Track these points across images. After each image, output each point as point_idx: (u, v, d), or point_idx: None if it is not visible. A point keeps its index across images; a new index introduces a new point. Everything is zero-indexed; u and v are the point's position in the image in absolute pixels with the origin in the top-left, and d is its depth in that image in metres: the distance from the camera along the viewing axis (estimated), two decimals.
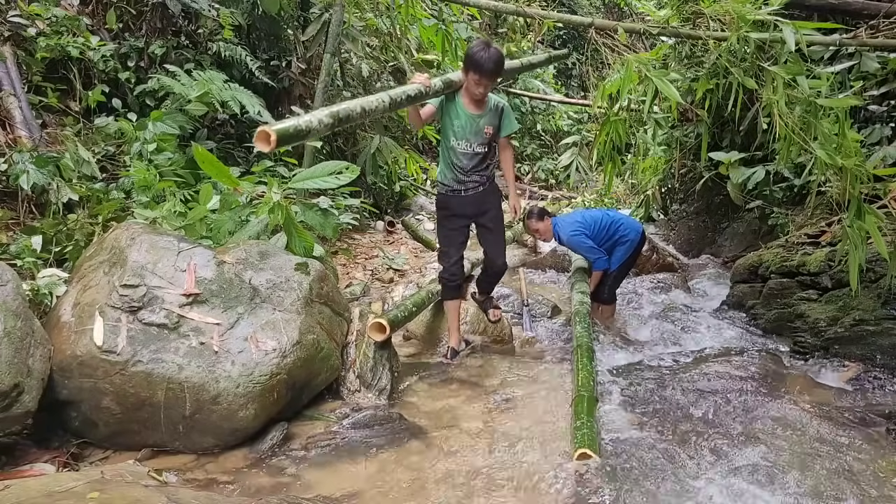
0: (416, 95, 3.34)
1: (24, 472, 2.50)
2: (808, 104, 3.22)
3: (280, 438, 2.94)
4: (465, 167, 3.70)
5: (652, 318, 5.12)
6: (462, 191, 3.77)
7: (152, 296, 2.95)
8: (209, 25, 6.21)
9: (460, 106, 3.65)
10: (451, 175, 3.75)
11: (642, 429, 3.09)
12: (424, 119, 3.66)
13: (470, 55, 3.45)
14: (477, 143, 3.66)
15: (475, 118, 3.63)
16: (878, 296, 3.89)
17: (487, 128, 3.65)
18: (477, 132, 3.63)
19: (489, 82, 3.49)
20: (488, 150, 3.73)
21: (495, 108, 3.70)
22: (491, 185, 3.85)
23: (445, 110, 3.68)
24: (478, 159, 3.70)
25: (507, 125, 3.74)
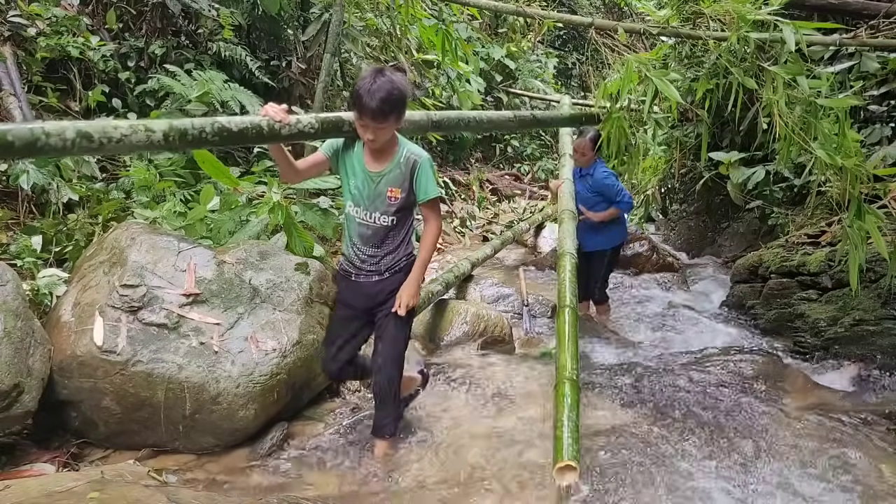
0: (254, 134, 2.37)
1: (24, 472, 2.50)
2: (808, 104, 3.23)
3: (280, 438, 2.94)
4: (360, 245, 2.71)
5: (651, 318, 5.12)
6: (353, 275, 2.77)
7: (152, 296, 2.95)
8: (209, 25, 6.21)
9: (358, 158, 2.67)
10: (348, 249, 2.79)
11: (641, 428, 3.09)
12: (302, 171, 2.70)
13: (354, 89, 2.50)
14: (379, 211, 2.65)
15: (373, 177, 2.64)
16: (878, 296, 3.89)
17: (391, 190, 2.63)
18: (376, 196, 2.64)
19: (377, 126, 2.48)
20: (396, 222, 2.69)
21: (405, 163, 2.64)
22: (394, 277, 2.75)
23: (342, 161, 2.71)
24: (380, 235, 2.69)
25: (422, 188, 2.65)
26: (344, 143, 2.73)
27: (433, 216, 2.75)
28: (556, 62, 15.43)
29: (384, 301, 2.76)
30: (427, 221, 2.76)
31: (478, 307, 4.56)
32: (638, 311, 5.34)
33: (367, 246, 2.72)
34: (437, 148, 11.25)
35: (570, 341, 2.86)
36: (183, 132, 2.20)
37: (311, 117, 2.58)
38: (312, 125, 2.56)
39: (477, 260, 5.64)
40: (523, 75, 13.43)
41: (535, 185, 12.54)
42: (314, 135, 2.60)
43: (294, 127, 2.47)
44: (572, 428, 2.39)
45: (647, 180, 7.72)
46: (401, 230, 2.74)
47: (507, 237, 6.97)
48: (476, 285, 5.40)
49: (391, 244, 2.73)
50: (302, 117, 2.53)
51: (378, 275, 2.75)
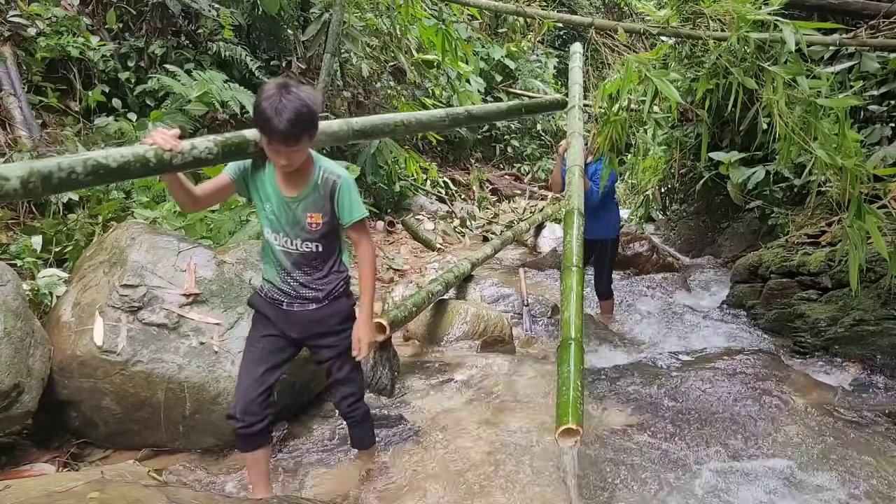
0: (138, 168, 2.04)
1: (24, 472, 2.50)
2: (808, 104, 3.22)
3: (280, 438, 2.94)
4: (290, 272, 2.42)
5: (652, 318, 5.12)
6: (284, 303, 2.44)
7: (152, 296, 2.95)
8: (209, 25, 6.21)
9: (270, 180, 2.35)
10: (273, 277, 2.45)
11: (641, 428, 3.09)
12: (203, 199, 2.34)
13: (256, 107, 2.15)
14: (300, 238, 2.37)
15: (289, 203, 2.33)
16: (878, 296, 3.89)
17: (310, 216, 2.34)
18: (296, 222, 2.35)
19: (290, 150, 2.16)
20: (323, 248, 2.41)
21: (323, 185, 2.34)
22: (335, 304, 2.47)
23: (252, 184, 2.37)
24: (308, 261, 2.41)
25: (348, 208, 2.37)
26: (253, 163, 2.37)
27: (363, 239, 2.46)
28: (556, 62, 15.44)
29: (327, 333, 2.48)
30: (358, 246, 2.46)
31: (478, 307, 4.56)
32: (638, 311, 5.34)
33: (297, 272, 2.42)
34: (437, 148, 11.26)
35: (576, 301, 2.84)
36: (46, 176, 1.85)
37: (209, 140, 2.22)
38: (211, 150, 2.20)
39: (477, 260, 5.65)
40: (523, 75, 13.44)
41: (535, 185, 12.55)
42: (213, 161, 2.22)
43: (188, 154, 2.14)
44: (576, 391, 2.40)
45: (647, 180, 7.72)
46: (331, 254, 2.46)
47: (507, 237, 6.97)
48: (476, 285, 5.41)
49: (323, 268, 2.45)
50: (197, 142, 2.18)
51: (316, 302, 2.44)
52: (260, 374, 2.39)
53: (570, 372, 2.49)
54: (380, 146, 7.23)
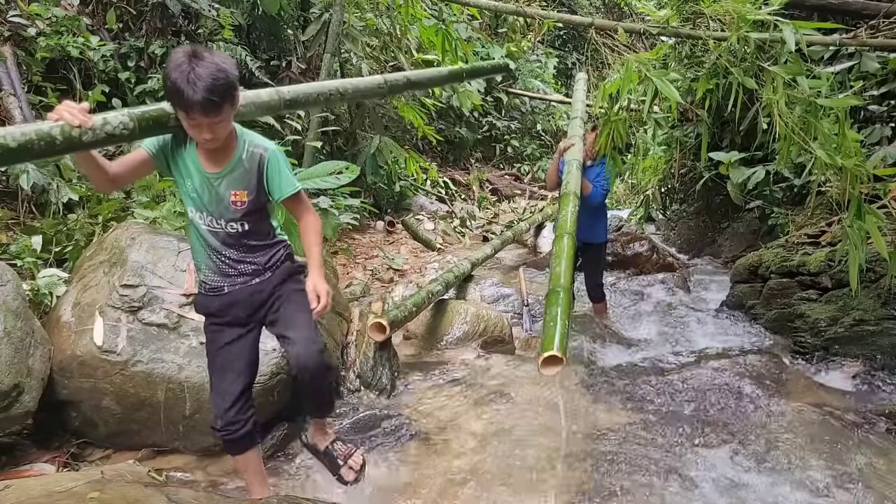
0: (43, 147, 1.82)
1: (24, 472, 2.50)
2: (808, 104, 3.22)
3: (280, 438, 2.94)
4: (220, 250, 2.25)
5: (652, 318, 5.12)
6: (225, 287, 2.28)
7: (152, 296, 2.95)
8: (209, 25, 6.21)
9: (191, 156, 2.18)
10: (205, 261, 2.28)
11: (641, 427, 3.09)
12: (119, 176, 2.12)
13: (166, 79, 1.98)
14: (225, 217, 2.20)
15: (212, 179, 2.16)
16: (878, 296, 3.89)
17: (234, 193, 2.17)
18: (219, 201, 2.18)
19: (212, 120, 2.00)
20: (251, 226, 2.24)
21: (249, 159, 2.18)
22: (278, 270, 2.32)
23: (172, 159, 2.19)
24: (237, 240, 2.24)
25: (278, 183, 2.21)
26: (173, 137, 2.18)
27: (303, 209, 2.29)
28: (556, 62, 15.45)
29: (273, 293, 2.31)
30: (300, 217, 2.30)
31: (478, 307, 4.56)
32: (638, 312, 5.34)
33: (228, 250, 2.25)
34: (437, 148, 11.26)
35: (567, 259, 3.13)
36: None
37: (124, 114, 1.98)
38: (126, 125, 1.97)
39: (477, 260, 5.65)
40: (523, 75, 13.44)
41: (535, 185, 12.55)
42: (129, 137, 2.02)
43: (100, 131, 1.90)
44: (563, 326, 2.59)
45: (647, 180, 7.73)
46: (261, 231, 2.29)
47: (507, 237, 6.98)
48: (476, 285, 5.41)
49: (255, 243, 2.29)
50: (110, 116, 1.95)
51: (258, 275, 2.29)
52: (230, 385, 2.28)
53: (558, 312, 2.67)
54: (380, 146, 7.22)
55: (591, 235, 4.81)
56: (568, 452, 2.83)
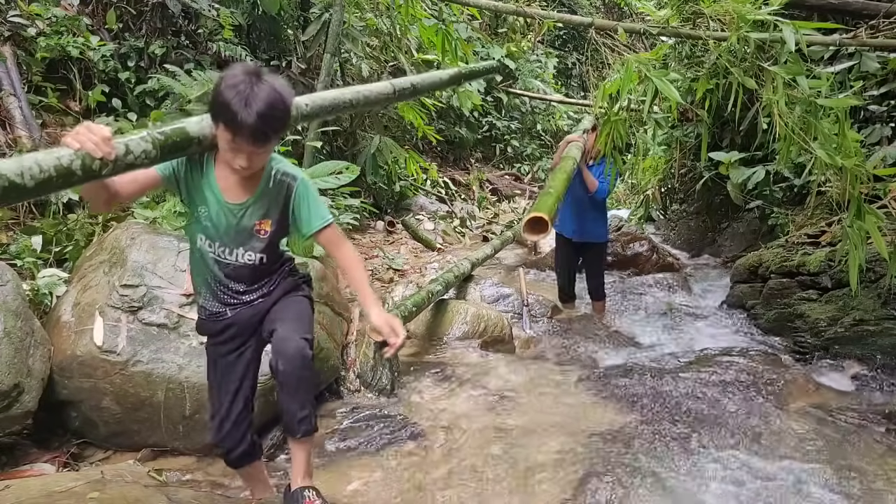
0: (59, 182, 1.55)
1: (24, 472, 2.50)
2: (808, 104, 3.22)
3: (280, 438, 2.94)
4: (224, 283, 2.08)
5: (652, 318, 5.12)
6: (227, 312, 2.12)
7: (152, 296, 2.95)
8: (209, 25, 6.22)
9: (211, 183, 1.98)
10: (206, 288, 2.11)
11: (641, 427, 3.09)
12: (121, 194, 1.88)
13: (218, 94, 1.79)
14: (243, 248, 2.03)
15: (234, 210, 1.99)
16: (878, 296, 3.89)
17: (260, 223, 2.02)
18: (239, 232, 2.01)
19: (256, 150, 1.84)
20: (268, 258, 2.08)
21: (276, 187, 2.01)
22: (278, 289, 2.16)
23: (184, 184, 1.99)
24: (249, 272, 2.08)
25: (307, 216, 2.03)
26: (188, 159, 1.97)
27: (337, 241, 2.09)
28: (556, 62, 15.44)
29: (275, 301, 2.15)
30: (337, 251, 2.10)
31: (478, 307, 4.56)
32: (638, 312, 5.34)
33: (233, 283, 2.09)
34: (437, 148, 11.26)
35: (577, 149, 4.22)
36: None
37: (147, 141, 1.74)
38: (148, 154, 1.74)
39: (477, 260, 5.65)
40: (523, 75, 13.43)
41: (535, 185, 12.55)
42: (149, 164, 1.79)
43: (121, 161, 1.66)
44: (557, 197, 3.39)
45: (647, 180, 7.73)
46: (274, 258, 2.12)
47: (507, 237, 6.98)
48: (476, 285, 5.40)
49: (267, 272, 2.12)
50: (132, 144, 1.70)
51: (262, 298, 2.13)
52: (229, 404, 2.14)
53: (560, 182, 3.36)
54: (380, 146, 7.22)
55: (592, 235, 4.85)
56: (567, 452, 2.83)
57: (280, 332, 2.04)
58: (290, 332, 2.03)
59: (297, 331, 2.04)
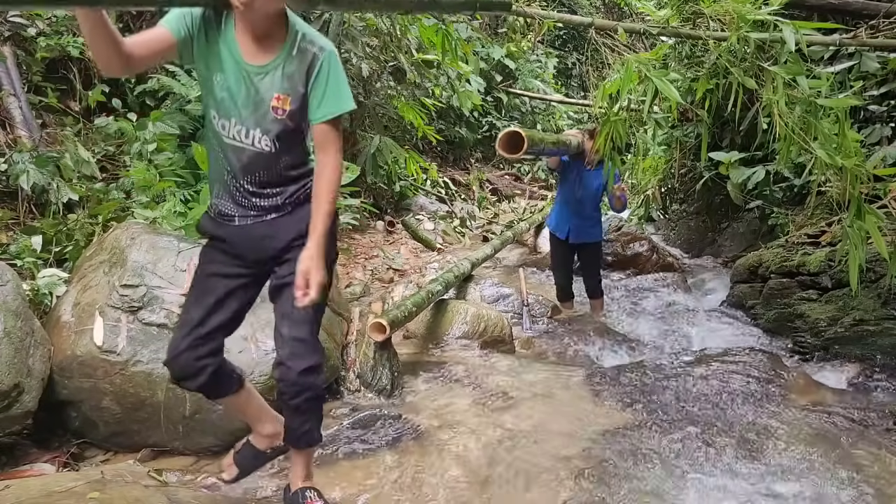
0: None
1: (24, 472, 2.50)
2: (808, 104, 3.22)
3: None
4: (238, 176, 1.88)
5: (652, 318, 5.12)
6: (235, 217, 1.92)
7: (152, 296, 2.95)
8: None
9: (228, 42, 1.77)
10: (220, 182, 1.93)
11: (641, 428, 3.09)
12: (134, 55, 1.71)
13: None
14: (260, 128, 1.82)
15: (253, 74, 1.78)
16: (878, 296, 3.89)
17: (278, 97, 1.78)
18: (257, 104, 1.79)
19: None
20: (284, 146, 1.86)
21: (300, 56, 1.78)
22: (298, 212, 1.93)
23: (200, 44, 1.78)
24: (263, 163, 1.86)
25: (321, 95, 1.79)
26: (203, 16, 1.74)
27: (333, 143, 1.82)
28: (556, 62, 15.43)
29: (287, 248, 1.91)
30: (323, 151, 1.82)
31: (478, 307, 4.56)
32: (638, 311, 5.34)
33: (247, 177, 1.86)
34: (437, 148, 11.25)
35: None
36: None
37: None
38: None
39: (477, 260, 5.65)
40: (523, 75, 13.43)
41: (535, 185, 12.55)
42: None
43: None
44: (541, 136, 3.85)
45: (647, 180, 7.72)
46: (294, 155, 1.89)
47: (507, 237, 6.98)
48: (476, 285, 5.41)
49: (285, 172, 1.88)
50: None
51: (275, 211, 1.90)
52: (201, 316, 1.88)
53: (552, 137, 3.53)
54: (380, 146, 7.22)
55: (587, 235, 4.88)
56: (567, 452, 2.83)
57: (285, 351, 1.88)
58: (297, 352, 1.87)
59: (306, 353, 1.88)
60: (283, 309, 1.93)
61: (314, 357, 1.92)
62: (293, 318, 1.91)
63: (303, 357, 1.89)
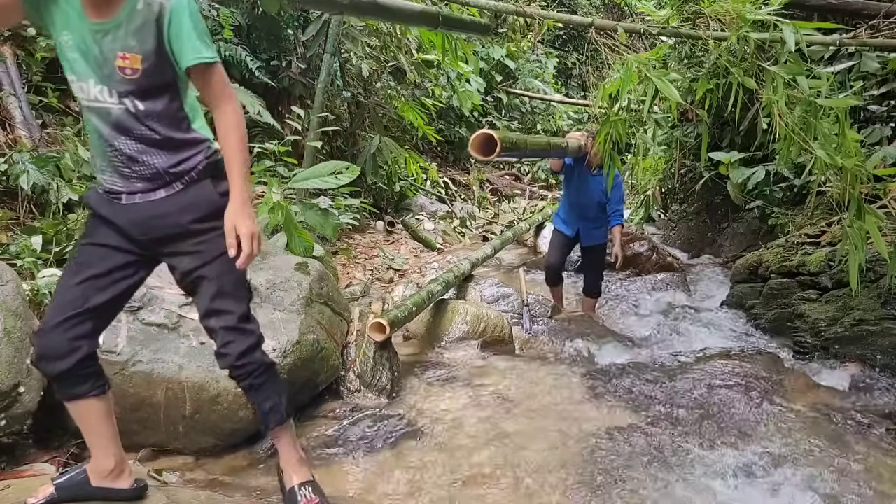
0: None
1: (24, 472, 2.50)
2: (808, 104, 3.22)
3: None
4: (111, 140, 1.73)
5: (652, 318, 5.12)
6: (122, 194, 1.78)
7: (152, 296, 2.95)
8: (209, 25, 6.21)
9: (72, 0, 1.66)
10: (100, 152, 1.78)
11: (640, 427, 3.09)
12: None
13: None
14: (114, 88, 1.67)
15: (95, 31, 1.65)
16: (878, 296, 3.89)
17: (123, 56, 1.64)
18: (102, 63, 1.66)
19: None
20: (149, 105, 1.71)
21: (145, 10, 1.65)
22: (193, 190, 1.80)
23: (45, 5, 1.68)
24: (134, 124, 1.71)
25: (179, 47, 1.66)
26: None
27: (218, 93, 1.72)
28: (556, 62, 15.44)
29: (183, 235, 1.80)
30: (214, 106, 1.74)
31: (478, 307, 4.56)
32: (638, 311, 5.34)
33: (121, 138, 1.71)
34: (437, 148, 11.26)
35: None
36: None
37: None
38: None
39: (477, 260, 5.65)
40: (523, 75, 13.44)
41: (535, 185, 12.55)
42: None
43: None
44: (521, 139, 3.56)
45: (647, 180, 7.73)
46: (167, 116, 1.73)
47: (507, 237, 6.98)
48: (476, 285, 5.41)
49: (162, 134, 1.73)
50: None
51: (164, 187, 1.76)
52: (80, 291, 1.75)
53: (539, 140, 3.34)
54: (380, 146, 7.23)
55: (593, 238, 4.91)
56: (567, 453, 2.83)
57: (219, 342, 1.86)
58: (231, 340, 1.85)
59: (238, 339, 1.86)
60: (204, 304, 1.88)
61: (248, 339, 1.91)
62: (217, 311, 1.87)
63: (236, 342, 1.88)
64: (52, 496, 1.93)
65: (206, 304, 1.87)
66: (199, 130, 1.83)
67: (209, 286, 1.84)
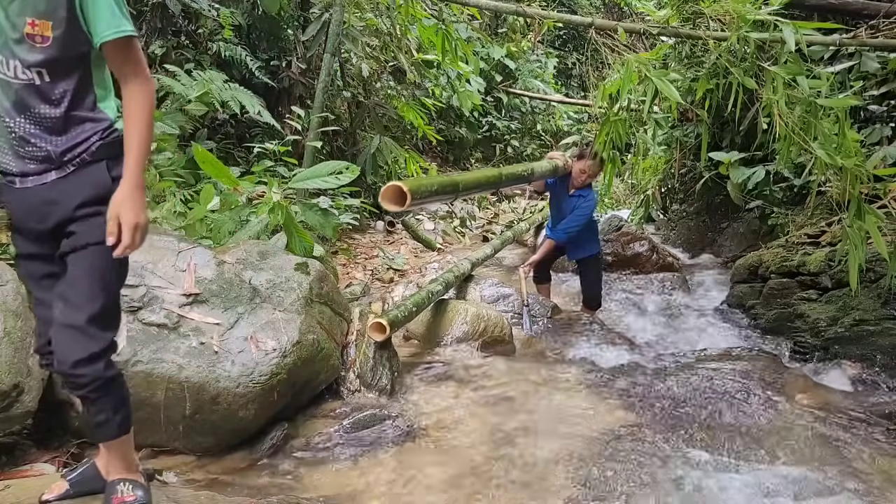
0: None
1: (24, 472, 2.50)
2: (808, 104, 3.22)
3: (280, 438, 2.94)
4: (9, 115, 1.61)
5: (652, 318, 5.12)
6: (16, 178, 1.66)
7: (152, 296, 2.95)
8: (209, 25, 6.21)
9: None
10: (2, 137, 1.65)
11: (640, 427, 3.09)
12: None
13: None
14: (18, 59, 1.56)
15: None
16: (878, 296, 3.89)
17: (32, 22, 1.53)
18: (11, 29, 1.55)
19: None
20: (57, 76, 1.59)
21: None
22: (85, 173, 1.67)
23: None
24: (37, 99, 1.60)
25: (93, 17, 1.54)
26: None
27: (131, 68, 1.60)
28: (556, 62, 15.44)
29: (68, 220, 1.65)
30: (126, 81, 1.61)
31: (478, 307, 4.56)
32: (638, 312, 5.34)
33: (20, 117, 1.59)
34: (437, 148, 11.26)
35: None
36: None
37: None
38: None
39: (477, 260, 5.65)
40: (523, 75, 13.43)
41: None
42: None
43: None
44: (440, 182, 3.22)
45: (647, 180, 7.72)
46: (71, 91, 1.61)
47: (507, 237, 6.98)
48: (476, 285, 5.40)
49: (64, 113, 1.61)
50: None
51: (55, 169, 1.63)
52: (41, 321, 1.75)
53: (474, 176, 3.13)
54: (380, 146, 7.23)
55: (584, 251, 4.91)
56: (568, 453, 2.83)
57: (55, 339, 1.64)
58: (69, 341, 1.62)
59: (77, 342, 1.61)
60: (59, 288, 1.67)
61: (91, 346, 1.63)
62: (70, 301, 1.64)
63: (73, 348, 1.62)
64: (67, 492, 1.92)
65: (60, 288, 1.67)
66: (104, 110, 1.69)
67: (71, 271, 1.65)
